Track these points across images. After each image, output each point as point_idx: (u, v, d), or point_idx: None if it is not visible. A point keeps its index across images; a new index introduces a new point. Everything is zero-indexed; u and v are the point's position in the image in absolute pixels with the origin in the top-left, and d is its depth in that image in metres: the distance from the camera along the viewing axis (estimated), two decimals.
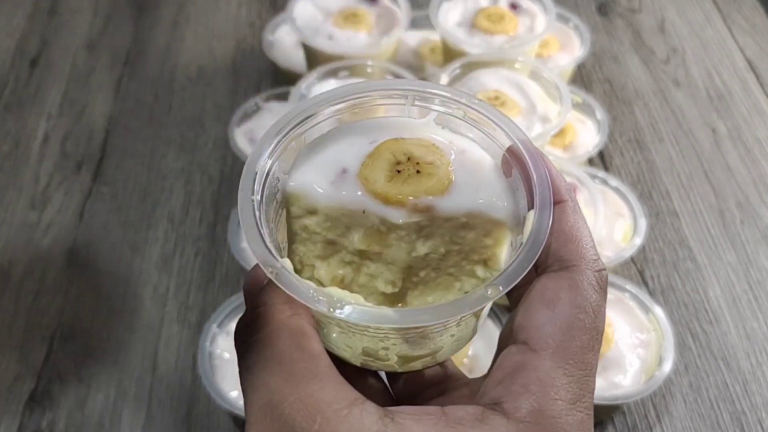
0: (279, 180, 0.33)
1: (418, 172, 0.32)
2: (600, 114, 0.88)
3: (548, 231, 0.29)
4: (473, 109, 0.33)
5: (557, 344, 0.28)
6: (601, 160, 0.94)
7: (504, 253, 0.33)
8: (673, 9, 1.16)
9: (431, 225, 0.32)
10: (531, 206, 0.30)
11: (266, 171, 0.32)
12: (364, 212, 0.32)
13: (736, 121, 1.00)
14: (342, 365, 0.31)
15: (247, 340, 0.29)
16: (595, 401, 0.70)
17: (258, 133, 0.89)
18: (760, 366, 0.75)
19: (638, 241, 0.76)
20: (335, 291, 0.30)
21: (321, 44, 0.88)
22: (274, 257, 0.29)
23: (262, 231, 0.30)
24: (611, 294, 0.73)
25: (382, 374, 0.36)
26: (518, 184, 0.32)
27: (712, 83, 1.05)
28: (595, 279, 0.29)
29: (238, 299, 0.72)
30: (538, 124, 0.78)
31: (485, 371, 0.31)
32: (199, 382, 0.73)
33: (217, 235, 0.86)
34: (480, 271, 0.33)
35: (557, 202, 0.30)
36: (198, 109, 1.01)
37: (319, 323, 0.31)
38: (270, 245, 0.29)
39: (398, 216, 0.31)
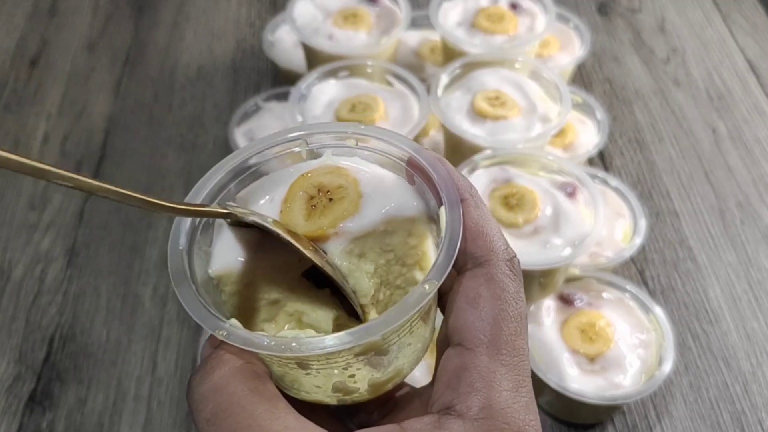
0: (205, 253, 0.34)
1: (330, 200, 0.33)
2: (600, 114, 0.87)
3: (461, 220, 0.31)
4: (361, 134, 0.35)
5: (489, 339, 0.29)
6: (601, 160, 0.94)
7: (431, 250, 0.34)
8: (673, 9, 1.16)
9: (358, 244, 0.33)
10: (440, 203, 0.32)
11: (188, 247, 0.33)
12: (300, 261, 0.33)
13: (737, 121, 1.00)
14: (291, 403, 0.31)
15: (200, 391, 0.28)
16: (595, 401, 0.70)
17: (258, 133, 0.89)
18: (760, 366, 0.75)
19: (638, 241, 0.75)
20: (288, 332, 0.31)
21: (321, 44, 0.88)
22: (220, 320, 0.30)
23: (202, 300, 0.31)
24: (611, 294, 0.73)
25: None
26: (424, 189, 0.33)
27: (712, 83, 1.05)
28: (507, 268, 0.31)
29: None
30: (538, 124, 0.78)
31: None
32: None
33: None
34: (419, 274, 0.34)
35: (460, 200, 0.32)
36: (198, 109, 1.01)
37: (283, 376, 0.32)
38: (214, 311, 0.30)
39: (329, 249, 0.33)
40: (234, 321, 0.30)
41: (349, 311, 0.34)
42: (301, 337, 0.29)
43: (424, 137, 0.87)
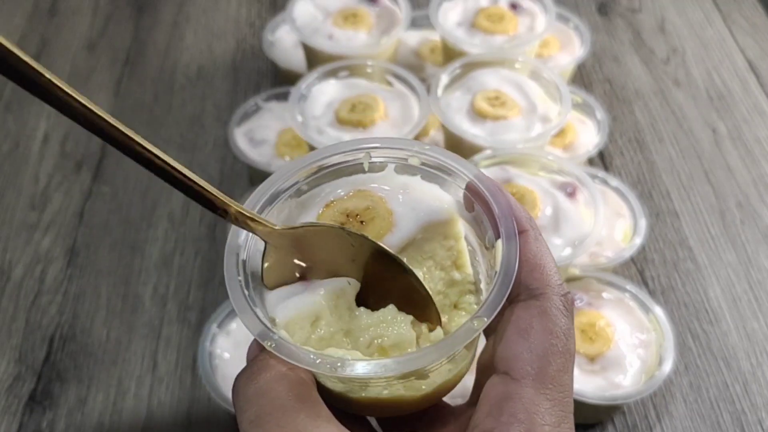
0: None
1: (362, 222, 0.34)
2: (600, 114, 0.88)
3: (518, 257, 0.31)
4: (425, 155, 0.35)
5: (536, 371, 0.29)
6: (601, 160, 0.94)
7: (465, 248, 0.35)
8: (673, 9, 1.16)
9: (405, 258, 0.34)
10: (497, 236, 0.32)
11: (246, 250, 0.34)
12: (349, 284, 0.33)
13: (737, 121, 1.00)
14: (334, 413, 0.32)
15: (246, 393, 0.29)
16: (595, 401, 0.70)
17: (258, 133, 0.89)
18: (760, 366, 0.75)
19: (638, 241, 0.75)
20: (333, 351, 0.32)
21: (321, 44, 0.88)
22: (270, 330, 0.30)
23: (254, 308, 0.31)
24: (611, 294, 0.73)
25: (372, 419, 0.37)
26: (482, 217, 0.33)
27: (712, 83, 1.05)
28: (561, 303, 0.31)
29: None
30: (538, 124, 0.78)
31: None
32: (199, 382, 0.73)
33: (217, 235, 0.86)
34: (456, 274, 0.35)
35: (519, 232, 0.32)
36: (198, 109, 1.01)
37: (330, 388, 0.32)
38: (264, 320, 0.31)
39: None
40: (283, 333, 0.31)
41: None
42: (347, 359, 0.29)
43: (424, 137, 0.87)
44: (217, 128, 0.98)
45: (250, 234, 0.33)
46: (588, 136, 0.87)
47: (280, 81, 1.00)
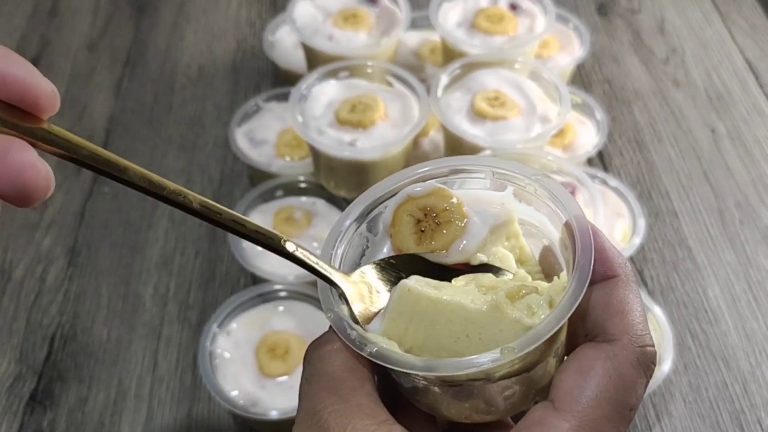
0: (367, 239, 0.37)
1: (438, 224, 0.35)
2: (599, 114, 0.88)
3: (575, 305, 0.30)
4: (539, 185, 0.35)
5: (579, 410, 0.29)
6: (601, 160, 0.95)
7: (525, 243, 0.36)
8: (672, 9, 1.16)
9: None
10: (570, 274, 0.32)
11: (352, 232, 0.36)
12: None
13: (736, 122, 1.00)
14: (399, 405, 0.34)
15: (311, 356, 0.33)
16: None
17: (258, 133, 0.89)
18: (759, 366, 0.76)
19: (637, 241, 0.76)
20: (375, 336, 0.33)
21: (321, 45, 0.88)
22: (334, 302, 0.33)
23: (331, 277, 0.33)
24: None
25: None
26: (566, 245, 0.34)
27: (711, 83, 1.05)
28: (635, 355, 0.30)
29: (238, 299, 0.72)
30: (538, 124, 0.78)
31: None
32: (199, 382, 0.73)
33: (217, 235, 0.86)
34: (521, 270, 0.36)
35: (610, 276, 0.32)
36: (198, 109, 1.01)
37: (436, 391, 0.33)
38: (334, 294, 0.33)
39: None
40: (343, 308, 0.33)
41: None
42: (380, 345, 0.31)
43: (424, 137, 0.87)
44: (217, 128, 0.98)
45: (358, 221, 0.36)
46: (587, 136, 0.87)
47: (281, 81, 1.00)
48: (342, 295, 0.33)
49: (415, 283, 0.33)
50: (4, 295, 0.81)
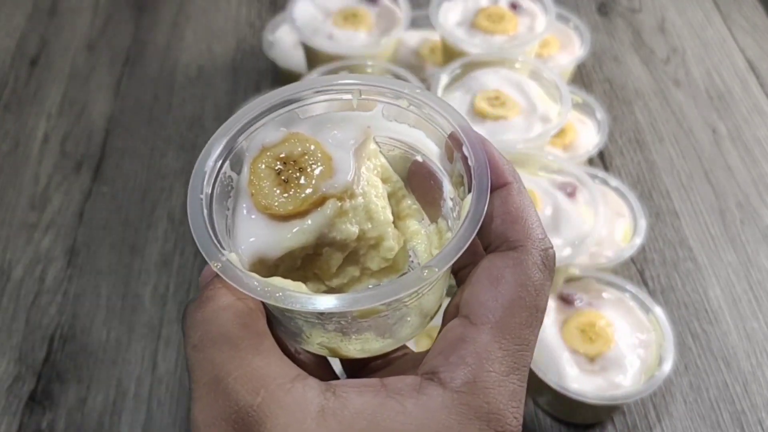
0: (231, 179, 0.34)
1: (300, 169, 0.32)
2: (600, 114, 0.87)
3: (483, 215, 0.30)
4: (415, 98, 0.33)
5: (497, 320, 0.29)
6: (601, 160, 0.94)
7: (385, 161, 0.35)
8: (673, 9, 1.16)
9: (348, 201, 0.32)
10: (470, 191, 0.31)
11: (216, 170, 0.34)
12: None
13: (737, 121, 1.00)
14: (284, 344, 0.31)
15: (193, 319, 0.29)
16: (595, 401, 0.70)
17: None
18: (760, 366, 0.75)
19: (638, 241, 0.75)
20: (278, 281, 0.30)
21: (321, 44, 0.88)
22: (220, 251, 0.30)
23: (208, 227, 0.30)
24: (611, 294, 0.73)
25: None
26: (462, 168, 0.32)
27: (712, 83, 1.05)
28: (540, 258, 0.30)
29: None
30: (539, 124, 0.78)
31: None
32: None
33: None
34: (387, 187, 0.34)
35: (502, 184, 0.31)
36: (198, 109, 1.01)
37: (281, 319, 0.32)
38: (216, 240, 0.30)
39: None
40: (232, 256, 0.30)
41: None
42: (288, 290, 0.28)
43: None
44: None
45: (223, 157, 0.35)
46: (588, 136, 0.87)
47: (280, 81, 1.00)
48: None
49: None
50: (3, 295, 0.81)
